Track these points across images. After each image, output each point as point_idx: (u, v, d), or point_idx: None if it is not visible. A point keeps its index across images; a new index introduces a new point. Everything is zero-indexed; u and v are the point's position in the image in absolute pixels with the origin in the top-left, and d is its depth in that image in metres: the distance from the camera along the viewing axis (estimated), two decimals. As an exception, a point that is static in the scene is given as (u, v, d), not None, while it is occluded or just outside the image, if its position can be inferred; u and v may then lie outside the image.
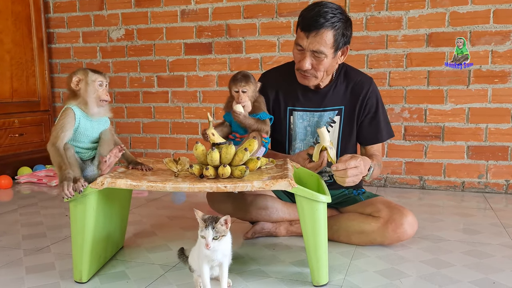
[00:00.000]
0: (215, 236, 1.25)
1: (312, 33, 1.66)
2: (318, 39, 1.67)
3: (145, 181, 1.39)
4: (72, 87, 1.45)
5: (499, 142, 2.73)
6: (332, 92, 1.87)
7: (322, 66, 1.72)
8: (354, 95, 1.87)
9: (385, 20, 2.83)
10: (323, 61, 1.71)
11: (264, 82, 1.82)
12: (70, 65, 3.56)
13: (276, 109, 1.90)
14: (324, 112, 1.87)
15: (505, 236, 1.92)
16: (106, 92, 1.47)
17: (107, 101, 1.48)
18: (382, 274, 1.53)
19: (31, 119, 3.37)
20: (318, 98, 1.84)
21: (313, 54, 1.70)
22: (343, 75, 1.88)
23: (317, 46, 1.67)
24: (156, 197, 2.66)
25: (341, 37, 1.70)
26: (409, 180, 2.90)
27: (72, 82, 1.45)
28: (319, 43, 1.67)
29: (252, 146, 1.48)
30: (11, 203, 2.55)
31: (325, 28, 1.65)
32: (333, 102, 1.87)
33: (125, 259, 1.68)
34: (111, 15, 3.39)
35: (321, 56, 1.70)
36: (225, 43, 3.16)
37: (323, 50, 1.68)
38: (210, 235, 1.24)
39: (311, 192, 1.37)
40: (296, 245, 1.82)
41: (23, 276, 1.52)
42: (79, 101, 1.46)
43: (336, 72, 1.87)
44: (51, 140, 1.41)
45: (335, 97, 1.87)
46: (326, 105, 1.86)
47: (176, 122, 3.36)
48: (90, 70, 1.47)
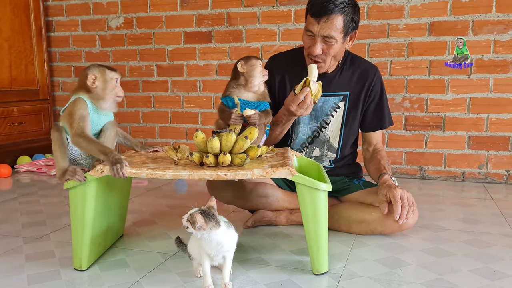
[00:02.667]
0: (188, 218, 1.23)
1: (323, 19, 1.68)
2: (328, 25, 1.69)
3: (145, 169, 1.38)
4: (88, 84, 1.45)
5: (500, 132, 2.72)
6: (338, 77, 1.88)
7: (332, 50, 1.74)
8: (360, 82, 1.89)
9: (386, 9, 2.80)
10: (333, 46, 1.73)
11: (271, 65, 1.83)
12: (69, 54, 3.54)
13: (281, 92, 1.90)
14: (329, 97, 1.87)
15: (505, 226, 1.92)
16: (121, 88, 1.51)
17: (122, 97, 1.51)
18: (382, 262, 1.53)
19: (30, 107, 3.35)
20: (324, 83, 1.84)
21: (324, 39, 1.72)
22: (349, 62, 1.90)
23: (328, 31, 1.69)
24: (156, 186, 2.66)
25: (350, 22, 1.72)
26: (410, 170, 2.90)
27: (88, 80, 1.45)
28: (330, 28, 1.69)
29: (252, 134, 1.47)
30: (10, 192, 2.54)
31: (335, 14, 1.68)
32: (339, 87, 1.88)
33: (125, 247, 1.68)
34: (110, 3, 3.36)
35: (331, 41, 1.72)
36: (225, 32, 3.13)
37: (334, 35, 1.70)
38: (189, 212, 1.24)
39: (312, 180, 1.37)
40: (296, 233, 1.82)
41: (23, 264, 1.52)
42: (91, 95, 1.46)
43: (342, 59, 1.89)
44: (76, 133, 1.40)
45: (341, 82, 1.88)
46: (331, 90, 1.87)
47: (176, 112, 3.34)
48: (106, 68, 1.49)
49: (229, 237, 1.30)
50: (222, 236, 1.27)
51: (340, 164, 1.98)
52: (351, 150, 2.01)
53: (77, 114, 1.42)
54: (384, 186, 1.73)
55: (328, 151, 1.92)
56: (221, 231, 1.27)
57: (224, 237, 1.28)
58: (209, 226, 1.24)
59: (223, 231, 1.28)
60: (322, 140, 1.91)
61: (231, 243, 1.32)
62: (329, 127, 1.90)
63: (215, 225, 1.25)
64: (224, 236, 1.28)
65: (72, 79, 3.56)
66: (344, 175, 1.97)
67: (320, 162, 1.94)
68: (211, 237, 1.25)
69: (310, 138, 1.92)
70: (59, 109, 3.63)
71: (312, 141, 1.91)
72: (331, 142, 1.92)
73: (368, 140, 1.98)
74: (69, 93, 3.51)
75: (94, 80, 1.46)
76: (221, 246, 1.27)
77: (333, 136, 1.91)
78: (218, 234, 1.26)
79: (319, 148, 1.92)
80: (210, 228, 1.24)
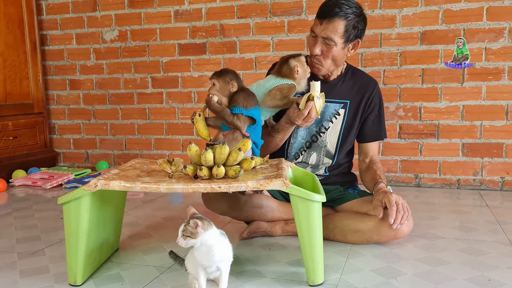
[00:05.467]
0: (183, 235, 1.25)
1: (325, 21, 1.75)
2: (329, 27, 1.74)
3: (139, 183, 1.38)
4: (293, 74, 1.71)
5: (493, 139, 2.74)
6: (340, 85, 1.93)
7: (331, 53, 1.78)
8: (360, 92, 1.93)
9: (379, 19, 2.83)
10: (332, 49, 1.77)
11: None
12: (63, 67, 3.55)
13: None
14: (330, 103, 1.90)
15: (500, 233, 1.93)
16: None
17: None
18: (378, 272, 1.53)
19: (25, 121, 3.35)
20: (327, 89, 1.86)
21: (324, 41, 1.77)
22: (350, 73, 1.96)
23: (328, 33, 1.75)
24: (152, 199, 2.65)
25: (352, 29, 1.76)
26: (405, 178, 2.90)
27: (293, 69, 1.71)
28: (330, 30, 1.74)
29: (246, 146, 1.48)
30: (5, 206, 2.53)
31: (338, 17, 1.73)
32: (340, 95, 1.92)
33: (120, 261, 1.67)
34: (104, 16, 3.38)
35: (331, 44, 1.76)
36: (219, 43, 3.15)
37: (333, 38, 1.75)
38: (180, 231, 1.26)
39: (306, 191, 1.37)
40: (292, 244, 1.81)
41: (17, 280, 1.51)
42: (295, 81, 1.73)
43: (345, 69, 1.94)
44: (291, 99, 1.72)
45: (342, 91, 1.92)
46: (333, 97, 1.90)
47: (171, 123, 3.35)
48: (304, 56, 1.75)
49: (223, 245, 1.30)
50: (216, 240, 1.28)
51: (336, 173, 1.99)
52: (346, 159, 2.02)
53: (290, 93, 1.76)
54: (380, 192, 1.74)
55: (325, 156, 1.93)
56: (215, 232, 1.28)
57: (217, 242, 1.28)
58: (206, 225, 1.25)
59: (216, 233, 1.29)
60: (319, 145, 1.93)
61: (225, 252, 1.31)
62: (327, 133, 1.92)
63: (209, 224, 1.28)
64: (217, 241, 1.28)
65: (67, 92, 3.56)
66: (339, 184, 1.98)
67: (316, 170, 1.95)
68: (207, 242, 1.26)
69: (308, 143, 1.93)
70: (54, 123, 3.63)
71: (310, 146, 1.93)
72: (328, 148, 1.93)
73: (365, 151, 2.00)
74: (64, 106, 3.52)
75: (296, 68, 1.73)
76: (213, 254, 1.27)
77: (331, 142, 1.93)
78: (212, 236, 1.27)
79: (316, 153, 1.93)
80: (207, 227, 1.26)
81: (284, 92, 1.71)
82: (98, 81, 3.48)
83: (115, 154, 3.51)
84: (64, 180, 3.03)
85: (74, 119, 3.59)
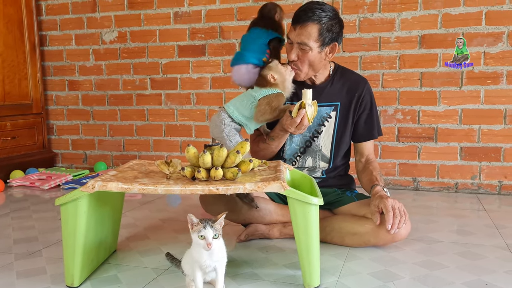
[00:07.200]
0: (215, 235, 1.26)
1: (299, 26, 1.75)
2: (303, 32, 1.74)
3: (137, 184, 1.38)
4: (271, 82, 1.73)
5: (492, 143, 2.74)
6: (329, 88, 1.92)
7: (307, 58, 1.78)
8: (350, 93, 1.92)
9: (378, 22, 2.83)
10: (307, 54, 1.77)
11: None
12: (62, 68, 3.54)
13: None
14: (321, 107, 1.89)
15: (498, 237, 1.93)
16: None
17: None
18: (375, 276, 1.53)
19: (23, 122, 3.35)
20: (315, 93, 1.86)
21: (299, 46, 1.77)
22: (339, 74, 1.95)
23: (302, 38, 1.75)
24: (150, 200, 2.65)
25: (326, 32, 1.75)
26: (403, 181, 2.91)
27: (268, 79, 1.73)
28: (304, 35, 1.74)
29: (244, 149, 1.47)
30: (3, 207, 2.53)
31: (311, 22, 1.73)
32: (330, 98, 1.91)
33: (117, 262, 1.67)
34: (104, 17, 3.38)
35: (306, 49, 1.76)
36: (218, 45, 3.15)
37: (308, 43, 1.75)
38: (210, 234, 1.25)
39: (304, 194, 1.37)
40: (289, 247, 1.81)
41: (14, 281, 1.51)
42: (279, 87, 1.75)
43: (333, 71, 1.93)
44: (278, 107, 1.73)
45: (331, 93, 1.91)
46: (323, 101, 1.90)
47: (170, 125, 3.34)
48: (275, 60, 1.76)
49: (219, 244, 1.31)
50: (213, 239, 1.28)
51: (333, 175, 1.99)
52: (343, 161, 2.02)
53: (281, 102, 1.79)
54: (376, 197, 1.74)
55: (321, 160, 1.93)
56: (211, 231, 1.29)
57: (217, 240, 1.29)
58: (203, 224, 1.26)
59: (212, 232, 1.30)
60: (314, 149, 1.93)
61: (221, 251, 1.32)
62: (321, 137, 1.92)
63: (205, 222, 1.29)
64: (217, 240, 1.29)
65: (66, 93, 3.56)
66: (337, 186, 1.98)
67: (313, 173, 1.95)
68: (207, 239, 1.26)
69: (302, 148, 1.93)
70: (52, 123, 3.62)
71: (305, 151, 1.93)
72: (323, 152, 1.93)
73: (360, 151, 1.99)
74: (62, 107, 3.52)
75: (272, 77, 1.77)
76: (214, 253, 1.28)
77: (325, 146, 1.93)
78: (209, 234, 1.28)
79: (311, 158, 1.93)
80: (204, 225, 1.26)
81: (273, 105, 1.72)
82: (97, 82, 3.48)
83: (113, 155, 3.51)
84: (62, 181, 3.02)
85: (73, 119, 3.58)
